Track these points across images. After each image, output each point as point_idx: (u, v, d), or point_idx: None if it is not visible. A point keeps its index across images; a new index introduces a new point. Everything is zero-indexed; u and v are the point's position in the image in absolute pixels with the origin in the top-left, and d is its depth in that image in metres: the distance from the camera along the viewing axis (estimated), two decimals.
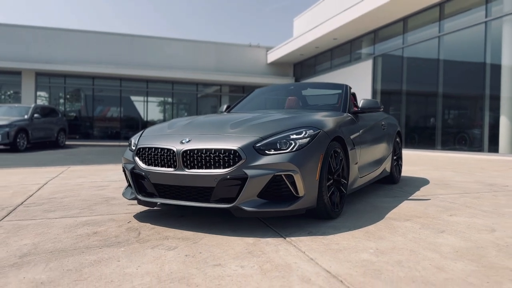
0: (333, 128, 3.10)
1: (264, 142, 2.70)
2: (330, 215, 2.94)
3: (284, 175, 2.61)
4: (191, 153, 2.70)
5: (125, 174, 3.20)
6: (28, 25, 20.42)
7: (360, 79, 16.37)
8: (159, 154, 2.85)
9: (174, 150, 2.75)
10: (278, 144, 2.70)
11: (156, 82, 22.77)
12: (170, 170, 2.75)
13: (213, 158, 2.66)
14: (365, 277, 1.87)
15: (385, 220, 3.02)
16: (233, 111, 4.55)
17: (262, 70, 23.74)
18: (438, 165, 7.91)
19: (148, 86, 22.77)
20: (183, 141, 2.79)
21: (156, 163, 2.87)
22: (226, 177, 2.59)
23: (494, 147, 10.63)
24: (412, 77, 14.13)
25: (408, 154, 11.27)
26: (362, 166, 3.75)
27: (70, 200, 3.85)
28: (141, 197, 2.96)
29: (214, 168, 2.65)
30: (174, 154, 2.75)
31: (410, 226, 2.83)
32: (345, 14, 15.01)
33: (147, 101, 23.32)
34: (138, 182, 3.01)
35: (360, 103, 4.00)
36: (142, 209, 3.41)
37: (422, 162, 8.59)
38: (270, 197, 2.66)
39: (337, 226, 2.80)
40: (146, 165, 2.92)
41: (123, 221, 2.98)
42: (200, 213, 3.22)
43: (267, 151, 2.66)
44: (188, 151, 2.71)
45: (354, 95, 4.75)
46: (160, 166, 2.84)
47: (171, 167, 2.77)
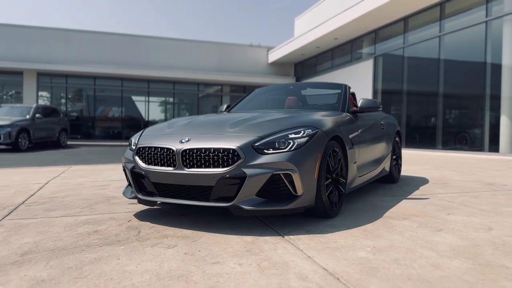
0: (331, 127, 3.12)
1: (262, 142, 2.72)
2: (328, 214, 2.96)
3: (282, 174, 2.64)
4: (191, 152, 2.73)
5: (125, 173, 3.23)
6: (29, 25, 20.49)
7: (361, 79, 16.38)
8: (159, 154, 2.87)
9: (174, 149, 2.78)
10: (276, 143, 2.73)
11: (157, 82, 22.82)
12: (170, 169, 2.78)
13: (212, 157, 2.68)
14: (361, 274, 1.89)
15: (383, 219, 3.04)
16: (232, 111, 4.57)
17: (263, 70, 23.76)
18: (438, 164, 7.92)
19: (149, 86, 22.82)
20: (183, 140, 2.82)
21: (156, 162, 2.89)
22: (225, 176, 2.62)
23: (494, 147, 10.63)
24: (412, 76, 14.13)
25: (408, 154, 11.28)
26: (361, 166, 3.76)
27: (71, 199, 3.88)
28: (141, 196, 2.99)
29: (213, 167, 2.67)
30: (174, 153, 2.78)
31: (408, 224, 2.85)
32: (345, 14, 15.02)
33: (149, 101, 23.38)
34: (138, 181, 3.04)
35: (359, 103, 4.02)
36: (142, 208, 3.43)
37: (423, 162, 8.60)
38: (268, 196, 2.68)
39: (335, 225, 2.83)
40: (146, 164, 2.94)
41: (123, 220, 3.01)
42: (199, 212, 3.24)
43: (266, 150, 2.68)
44: (187, 151, 2.74)
45: (353, 95, 4.77)
46: (160, 165, 2.86)
47: (171, 166, 2.79)
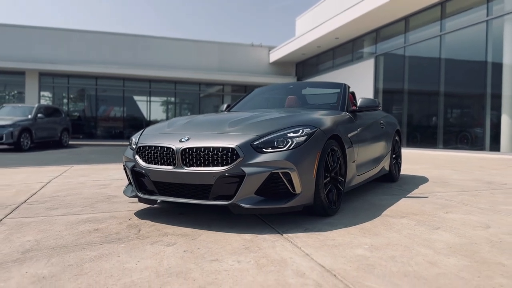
0: (330, 126, 3.14)
1: (261, 140, 2.74)
2: (327, 212, 2.98)
3: (281, 173, 2.66)
4: (190, 151, 2.75)
5: (125, 172, 3.25)
6: (31, 25, 20.55)
7: (362, 78, 16.38)
8: (159, 152, 2.90)
9: (173, 148, 2.80)
10: (275, 142, 2.75)
11: (159, 82, 22.86)
12: (170, 168, 2.80)
13: (211, 156, 2.71)
14: (358, 271, 1.91)
15: (381, 217, 3.06)
16: (233, 110, 4.59)
17: (265, 69, 23.78)
18: (438, 164, 7.93)
19: (151, 86, 22.86)
20: (182, 139, 2.84)
21: (156, 161, 2.92)
22: (224, 174, 2.64)
23: (495, 146, 10.63)
24: (413, 76, 14.13)
25: (409, 153, 11.28)
26: (360, 164, 3.78)
27: (73, 198, 3.91)
28: (141, 194, 3.02)
29: (213, 166, 2.70)
30: (173, 152, 2.80)
31: (406, 223, 2.87)
32: (346, 13, 15.03)
33: (150, 101, 23.42)
34: (139, 180, 3.06)
35: (358, 102, 4.03)
36: (143, 206, 3.46)
37: (423, 161, 8.61)
38: (267, 194, 2.70)
39: (333, 223, 2.85)
40: (146, 163, 2.97)
41: (124, 218, 3.04)
42: (199, 210, 3.27)
43: (265, 149, 2.70)
44: (187, 149, 2.76)
45: (353, 94, 4.78)
46: (160, 164, 2.89)
47: (171, 165, 2.82)
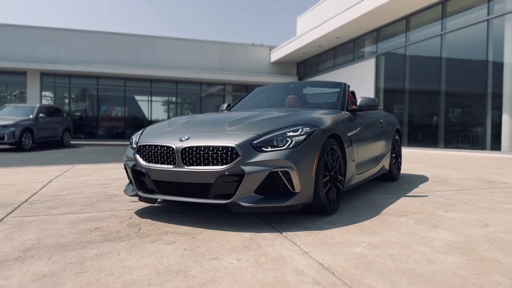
0: (329, 125, 3.15)
1: (261, 140, 2.76)
2: (326, 211, 2.99)
3: (280, 172, 2.67)
4: (190, 150, 2.77)
5: (126, 171, 3.27)
6: (32, 25, 20.60)
7: (363, 78, 16.38)
8: (159, 152, 2.91)
9: (174, 147, 2.82)
10: (274, 141, 2.76)
11: (160, 81, 22.89)
12: (170, 167, 2.82)
13: (211, 155, 2.72)
14: (356, 269, 1.93)
15: (381, 215, 3.07)
16: (233, 110, 4.61)
17: (266, 69, 23.79)
18: (439, 163, 7.93)
19: (152, 85, 22.89)
20: (182, 138, 2.86)
21: (156, 160, 2.93)
22: (224, 173, 2.66)
23: (496, 145, 10.62)
24: (414, 75, 14.13)
25: (410, 152, 11.29)
26: (359, 163, 3.79)
27: (74, 197, 3.93)
28: (141, 193, 3.04)
29: (212, 165, 2.71)
30: (174, 151, 2.82)
31: (405, 221, 2.88)
32: (347, 13, 15.03)
33: (151, 100, 23.45)
34: (139, 179, 3.08)
35: (358, 101, 4.04)
36: (143, 205, 3.48)
37: (424, 160, 8.61)
38: (267, 193, 2.72)
39: (333, 222, 2.86)
40: (146, 162, 2.99)
41: (125, 217, 3.05)
42: (199, 209, 3.28)
43: (264, 148, 2.72)
44: (187, 148, 2.78)
45: (353, 93, 4.79)
46: (160, 163, 2.90)
47: (171, 164, 2.84)
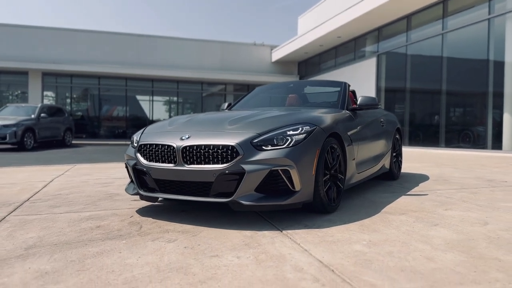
0: (329, 124, 3.16)
1: (261, 138, 2.77)
2: (326, 209, 3.00)
3: (280, 170, 2.68)
4: (191, 149, 2.78)
5: (127, 170, 3.29)
6: (34, 25, 20.65)
7: (364, 77, 16.38)
8: (160, 150, 2.93)
9: (174, 146, 2.83)
10: (275, 140, 2.77)
11: (161, 81, 22.92)
12: (171, 166, 2.84)
13: (211, 154, 2.74)
14: (355, 266, 1.94)
15: (380, 214, 3.08)
16: (234, 109, 4.62)
17: (267, 68, 23.81)
18: (440, 162, 7.93)
19: (153, 85, 22.93)
20: (183, 137, 2.87)
21: (157, 159, 2.95)
22: (225, 172, 2.67)
23: (497, 144, 10.61)
24: (416, 74, 14.12)
25: (411, 152, 11.29)
26: (360, 162, 3.80)
27: (75, 196, 3.95)
28: (143, 192, 3.05)
29: (213, 163, 2.73)
30: (174, 150, 2.83)
31: (405, 219, 2.89)
32: (348, 12, 15.03)
33: (153, 100, 23.49)
34: (140, 178, 3.10)
35: (358, 100, 4.05)
36: (145, 204, 3.50)
37: (425, 160, 8.62)
38: (267, 191, 2.73)
39: (333, 220, 2.87)
40: (147, 161, 3.00)
41: (126, 215, 3.07)
42: (200, 207, 3.30)
43: (264, 147, 2.73)
44: (187, 147, 2.79)
45: (353, 93, 4.80)
46: (161, 162, 2.92)
47: (172, 163, 2.85)
